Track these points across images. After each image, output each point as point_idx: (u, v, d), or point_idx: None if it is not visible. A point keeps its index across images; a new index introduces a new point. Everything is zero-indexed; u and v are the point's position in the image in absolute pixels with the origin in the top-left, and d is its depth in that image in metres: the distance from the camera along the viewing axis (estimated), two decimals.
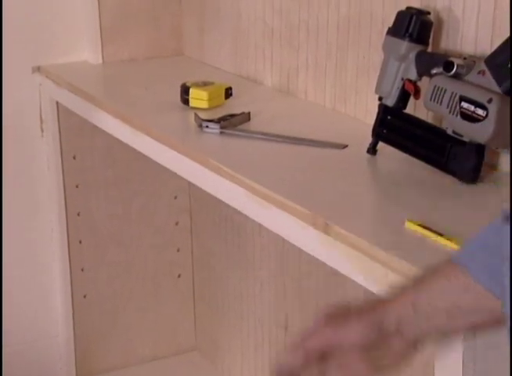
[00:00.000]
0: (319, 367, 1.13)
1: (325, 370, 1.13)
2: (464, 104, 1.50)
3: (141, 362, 2.83)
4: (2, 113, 2.48)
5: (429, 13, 1.69)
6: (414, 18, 1.67)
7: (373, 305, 1.17)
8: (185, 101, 2.05)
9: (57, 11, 2.48)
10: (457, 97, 1.52)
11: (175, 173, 2.01)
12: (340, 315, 1.17)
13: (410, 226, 1.38)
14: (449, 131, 1.56)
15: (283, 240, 1.73)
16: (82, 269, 2.64)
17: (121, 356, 2.78)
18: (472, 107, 1.49)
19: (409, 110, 1.72)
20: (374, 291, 1.35)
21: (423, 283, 1.15)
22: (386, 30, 1.74)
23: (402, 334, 1.11)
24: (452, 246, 1.31)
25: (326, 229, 1.44)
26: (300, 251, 1.73)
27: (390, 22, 1.74)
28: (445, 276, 1.12)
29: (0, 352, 2.48)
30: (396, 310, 1.14)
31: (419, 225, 1.37)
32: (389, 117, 1.70)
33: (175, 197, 2.72)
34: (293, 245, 1.67)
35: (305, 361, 1.12)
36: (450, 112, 1.53)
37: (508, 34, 1.52)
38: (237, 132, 1.88)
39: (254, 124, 1.93)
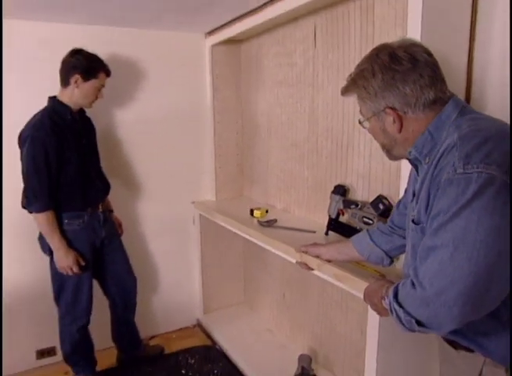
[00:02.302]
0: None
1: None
2: (364, 218, 1.46)
3: (220, 309, 2.57)
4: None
5: (345, 186, 1.63)
6: (341, 188, 1.62)
7: (319, 246, 1.34)
8: (252, 214, 1.99)
9: (199, 181, 2.44)
10: (361, 216, 1.47)
11: (244, 239, 1.92)
12: (313, 244, 1.34)
13: (352, 264, 1.28)
14: (358, 228, 1.49)
15: (285, 262, 1.57)
16: (205, 263, 2.49)
17: (217, 304, 2.56)
18: (367, 219, 1.45)
19: (341, 219, 1.63)
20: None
21: (336, 243, 1.32)
22: (330, 191, 1.66)
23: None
24: (373, 272, 1.25)
25: (302, 256, 1.38)
26: (297, 269, 1.52)
27: (332, 187, 1.66)
28: (344, 242, 1.27)
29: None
30: (323, 249, 1.30)
31: (356, 263, 1.28)
32: (332, 222, 1.63)
33: (240, 248, 2.56)
34: (291, 265, 1.56)
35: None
36: (359, 221, 1.48)
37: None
38: (273, 226, 1.82)
39: (278, 223, 1.85)
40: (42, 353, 2.13)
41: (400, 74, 0.82)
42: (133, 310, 2.12)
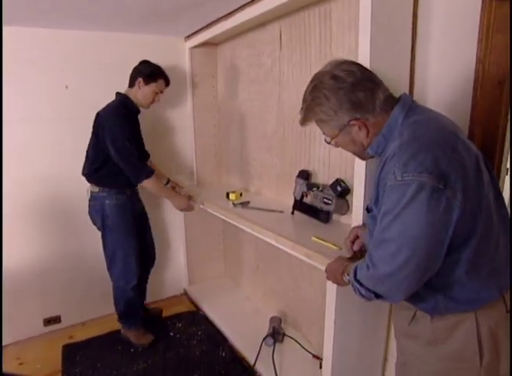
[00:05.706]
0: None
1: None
2: (324, 199, 1.44)
3: (204, 280, 2.52)
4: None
5: (308, 171, 1.60)
6: (305, 173, 1.58)
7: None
8: (227, 197, 1.93)
9: (181, 169, 2.33)
10: (322, 197, 1.45)
11: (223, 219, 1.81)
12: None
13: (314, 239, 1.30)
14: (319, 207, 1.47)
15: (257, 238, 1.54)
16: (189, 241, 2.44)
17: (201, 276, 2.52)
18: (327, 200, 1.43)
19: (305, 200, 1.58)
20: (302, 257, 1.25)
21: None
22: (295, 176, 1.62)
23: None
24: (331, 246, 1.21)
25: (277, 239, 1.38)
26: (268, 243, 1.50)
27: (297, 172, 1.62)
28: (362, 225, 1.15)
29: None
30: (355, 231, 1.14)
31: (317, 238, 1.29)
32: (298, 203, 1.59)
33: (220, 227, 2.50)
34: (263, 240, 1.50)
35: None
36: (319, 201, 1.46)
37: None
38: (247, 207, 1.77)
39: (251, 204, 1.80)
40: (49, 321, 2.13)
41: (348, 88, 0.83)
42: (148, 275, 2.11)
